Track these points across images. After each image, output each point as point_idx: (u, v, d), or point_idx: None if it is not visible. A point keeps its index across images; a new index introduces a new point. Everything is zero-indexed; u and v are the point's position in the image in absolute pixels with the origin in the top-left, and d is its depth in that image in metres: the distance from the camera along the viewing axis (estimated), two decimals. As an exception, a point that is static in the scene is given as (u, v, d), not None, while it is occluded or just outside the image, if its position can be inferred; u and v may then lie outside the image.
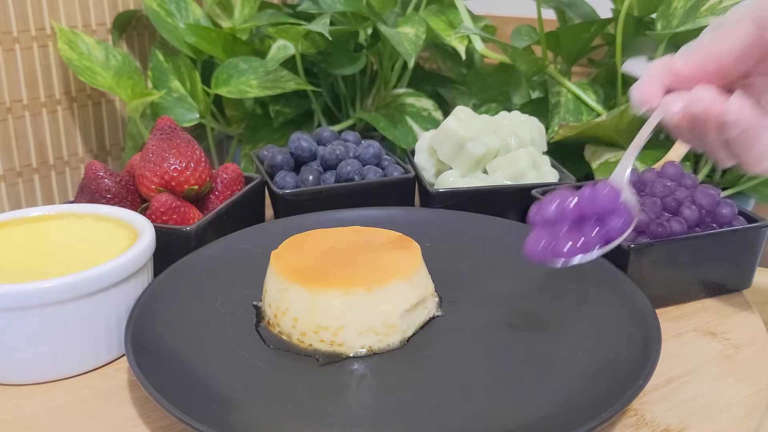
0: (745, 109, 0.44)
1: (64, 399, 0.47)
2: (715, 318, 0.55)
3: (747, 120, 0.44)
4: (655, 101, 0.47)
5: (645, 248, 0.53)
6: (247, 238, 0.61)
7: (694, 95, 0.45)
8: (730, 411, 0.44)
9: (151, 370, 0.43)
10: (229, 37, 1.20)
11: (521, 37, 1.09)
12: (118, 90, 1.18)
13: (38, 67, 1.22)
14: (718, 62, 0.45)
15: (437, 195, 0.67)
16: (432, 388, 0.44)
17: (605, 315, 0.50)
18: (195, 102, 1.23)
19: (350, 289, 0.48)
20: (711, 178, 0.94)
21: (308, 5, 1.13)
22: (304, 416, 0.42)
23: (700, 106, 0.45)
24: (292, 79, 1.13)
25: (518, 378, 0.45)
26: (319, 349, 0.48)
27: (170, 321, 0.50)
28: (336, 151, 0.70)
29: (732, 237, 0.56)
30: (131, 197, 0.63)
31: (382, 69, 1.20)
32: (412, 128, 1.11)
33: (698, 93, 0.45)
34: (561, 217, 0.45)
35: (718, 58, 0.45)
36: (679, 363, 0.49)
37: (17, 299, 0.45)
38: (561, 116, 0.92)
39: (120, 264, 0.49)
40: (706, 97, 0.45)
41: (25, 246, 0.53)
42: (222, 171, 0.66)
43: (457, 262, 0.59)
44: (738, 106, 0.44)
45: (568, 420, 0.39)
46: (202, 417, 0.39)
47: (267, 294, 0.52)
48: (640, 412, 0.44)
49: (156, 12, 1.23)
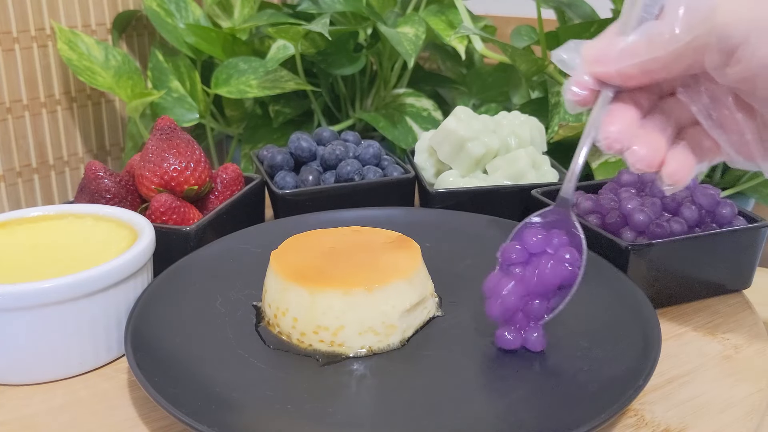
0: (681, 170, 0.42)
1: (63, 399, 0.47)
2: (715, 318, 0.55)
3: (686, 179, 0.42)
4: (590, 102, 0.43)
5: (645, 248, 0.53)
6: (247, 238, 0.61)
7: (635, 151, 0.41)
8: (729, 411, 0.44)
9: (150, 370, 0.43)
10: (228, 37, 1.20)
11: (521, 37, 1.09)
12: (117, 90, 1.18)
13: (38, 67, 1.22)
14: (652, 77, 0.42)
15: (437, 195, 0.67)
16: (432, 388, 0.44)
17: (605, 315, 0.50)
18: (195, 102, 1.23)
19: (350, 289, 0.48)
20: (711, 178, 0.94)
21: (308, 5, 1.13)
22: (304, 416, 0.42)
23: (642, 164, 0.42)
24: (291, 79, 1.13)
25: (518, 378, 0.45)
26: (319, 350, 0.48)
27: (170, 321, 0.50)
28: (336, 151, 0.70)
29: (732, 237, 0.56)
30: (131, 197, 0.63)
31: (382, 69, 1.20)
32: (411, 128, 1.11)
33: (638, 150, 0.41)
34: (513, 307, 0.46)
35: (653, 75, 0.41)
36: (679, 363, 0.49)
37: (17, 299, 0.45)
38: (561, 116, 0.92)
39: (120, 264, 0.49)
40: (644, 155, 0.41)
41: (25, 246, 0.53)
42: (222, 171, 0.66)
43: (457, 262, 0.58)
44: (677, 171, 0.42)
45: (568, 420, 0.39)
46: (202, 417, 0.39)
47: (267, 294, 0.52)
48: (640, 412, 0.44)
49: (156, 12, 1.23)
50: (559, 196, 0.46)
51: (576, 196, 0.61)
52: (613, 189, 0.62)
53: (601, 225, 0.58)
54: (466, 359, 0.47)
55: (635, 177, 0.62)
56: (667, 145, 0.43)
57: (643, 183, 0.62)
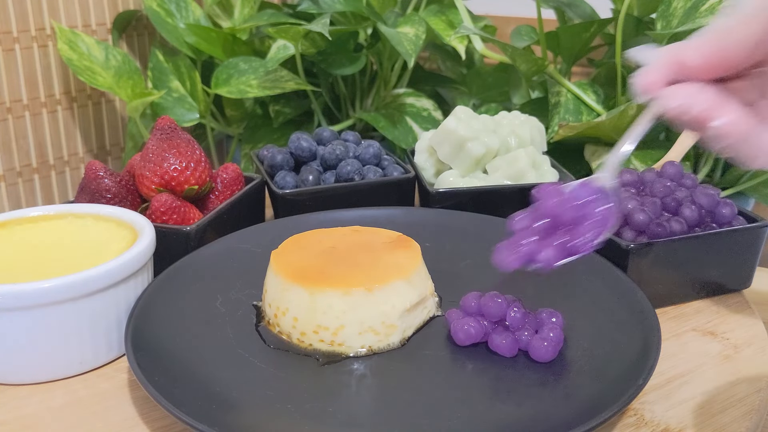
0: (736, 123, 0.42)
1: (63, 399, 0.47)
2: (714, 318, 0.55)
3: (737, 132, 0.43)
4: (656, 91, 0.45)
5: (645, 248, 0.53)
6: (247, 238, 0.61)
7: (690, 97, 0.44)
8: (729, 411, 0.44)
9: (151, 369, 0.43)
10: (228, 37, 1.20)
11: (521, 37, 1.09)
12: (118, 90, 1.18)
13: (38, 67, 1.22)
14: (728, 57, 0.43)
15: (437, 195, 0.67)
16: (432, 388, 0.44)
17: (605, 315, 0.50)
18: (195, 102, 1.23)
19: (350, 289, 0.48)
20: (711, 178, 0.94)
21: (308, 5, 1.13)
22: (304, 416, 0.42)
23: (694, 110, 0.43)
24: (291, 79, 1.13)
25: (518, 378, 0.45)
26: (319, 349, 0.48)
27: (170, 321, 0.50)
28: (336, 151, 0.70)
29: (732, 237, 0.56)
30: (131, 197, 0.63)
31: (382, 69, 1.20)
32: (411, 128, 1.11)
33: (694, 97, 0.43)
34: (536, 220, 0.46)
35: (728, 54, 0.43)
36: (678, 363, 0.49)
37: (17, 299, 0.45)
38: (561, 116, 0.92)
39: (120, 264, 0.49)
40: (702, 102, 0.43)
41: (25, 246, 0.53)
42: (222, 171, 0.66)
43: (457, 262, 0.59)
44: (728, 120, 0.42)
45: (569, 420, 0.39)
46: (202, 417, 0.39)
47: (267, 294, 0.52)
48: (639, 412, 0.44)
49: (156, 12, 1.23)
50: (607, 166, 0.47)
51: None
52: (613, 189, 0.62)
53: (601, 225, 0.58)
54: (466, 359, 0.47)
55: (635, 177, 0.62)
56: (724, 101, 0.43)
57: (643, 183, 0.62)
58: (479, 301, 0.49)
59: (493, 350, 0.47)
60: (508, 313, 0.47)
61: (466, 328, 0.47)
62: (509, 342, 0.47)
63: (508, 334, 0.47)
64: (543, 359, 0.46)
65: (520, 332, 0.47)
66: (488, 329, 0.48)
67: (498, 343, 0.47)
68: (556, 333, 0.46)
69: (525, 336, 0.47)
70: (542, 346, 0.46)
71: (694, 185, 0.61)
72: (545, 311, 0.48)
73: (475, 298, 0.49)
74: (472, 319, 0.48)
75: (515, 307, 0.48)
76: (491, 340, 0.47)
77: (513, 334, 0.47)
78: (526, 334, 0.47)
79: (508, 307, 0.48)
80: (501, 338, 0.47)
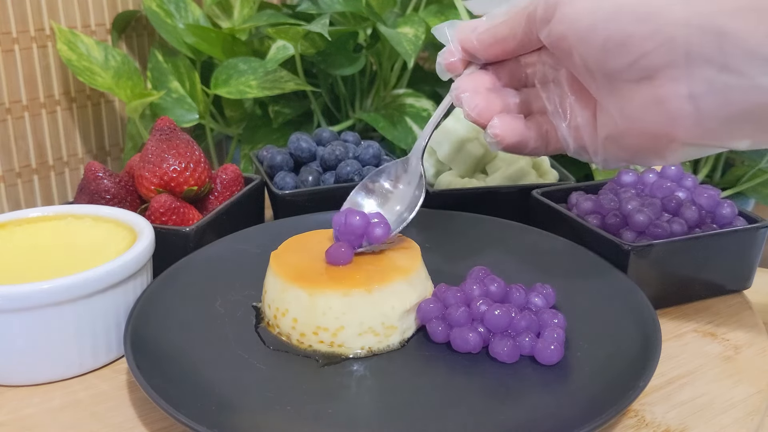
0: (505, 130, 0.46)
1: (62, 400, 0.47)
2: (715, 318, 0.55)
3: (507, 139, 0.47)
4: (457, 71, 0.49)
5: (645, 248, 0.53)
6: (247, 238, 0.60)
7: (469, 97, 0.47)
8: (730, 412, 0.44)
9: (150, 371, 0.43)
10: (228, 37, 1.20)
11: (521, 38, 1.09)
12: (117, 90, 1.18)
13: (37, 67, 1.22)
14: (504, 46, 0.47)
15: (437, 195, 0.67)
16: (431, 388, 0.44)
17: (605, 315, 0.50)
18: (194, 102, 1.23)
19: (349, 289, 0.48)
20: (711, 179, 0.94)
21: (308, 5, 1.13)
22: (304, 417, 0.42)
23: (473, 111, 0.47)
24: (291, 80, 1.13)
25: (518, 378, 0.45)
26: (319, 350, 0.48)
27: (169, 322, 0.49)
28: (335, 152, 0.70)
29: (732, 237, 0.56)
30: (130, 198, 0.63)
31: (382, 69, 1.20)
32: (411, 128, 1.11)
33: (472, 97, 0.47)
34: None
35: (504, 43, 0.47)
36: (679, 364, 0.49)
37: (16, 300, 0.45)
38: (561, 116, 0.92)
39: (119, 265, 0.49)
40: (477, 103, 0.47)
41: (24, 247, 0.53)
42: (221, 171, 0.66)
43: (457, 262, 0.58)
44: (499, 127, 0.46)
45: (569, 420, 0.39)
46: (202, 418, 0.39)
47: (266, 295, 0.51)
48: (640, 413, 0.44)
49: (155, 12, 1.23)
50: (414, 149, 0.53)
51: (576, 197, 0.61)
52: (613, 189, 0.62)
53: (601, 225, 0.58)
54: (466, 360, 0.47)
55: (635, 177, 0.62)
56: (501, 108, 0.48)
57: (643, 183, 0.62)
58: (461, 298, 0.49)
59: (493, 357, 0.47)
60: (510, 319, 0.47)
61: (467, 337, 0.47)
62: (510, 349, 0.46)
63: (508, 341, 0.46)
64: (550, 362, 0.46)
65: (521, 337, 0.47)
66: (487, 336, 0.47)
67: (498, 351, 0.46)
68: (560, 333, 0.46)
69: (527, 341, 0.46)
70: (549, 349, 0.45)
71: (694, 186, 0.61)
72: (546, 312, 0.48)
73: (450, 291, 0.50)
74: (470, 329, 0.47)
75: (514, 310, 0.47)
76: (492, 347, 0.47)
77: (514, 340, 0.46)
78: (527, 339, 0.46)
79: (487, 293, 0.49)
80: (502, 345, 0.46)
